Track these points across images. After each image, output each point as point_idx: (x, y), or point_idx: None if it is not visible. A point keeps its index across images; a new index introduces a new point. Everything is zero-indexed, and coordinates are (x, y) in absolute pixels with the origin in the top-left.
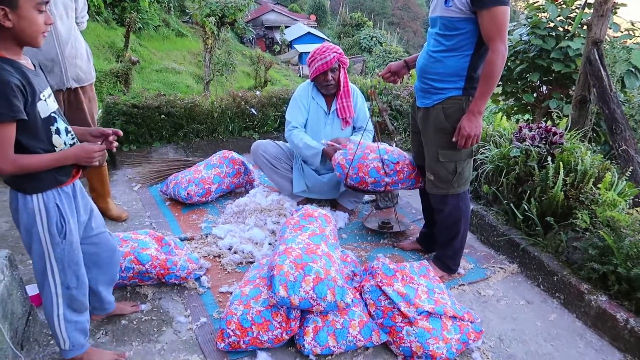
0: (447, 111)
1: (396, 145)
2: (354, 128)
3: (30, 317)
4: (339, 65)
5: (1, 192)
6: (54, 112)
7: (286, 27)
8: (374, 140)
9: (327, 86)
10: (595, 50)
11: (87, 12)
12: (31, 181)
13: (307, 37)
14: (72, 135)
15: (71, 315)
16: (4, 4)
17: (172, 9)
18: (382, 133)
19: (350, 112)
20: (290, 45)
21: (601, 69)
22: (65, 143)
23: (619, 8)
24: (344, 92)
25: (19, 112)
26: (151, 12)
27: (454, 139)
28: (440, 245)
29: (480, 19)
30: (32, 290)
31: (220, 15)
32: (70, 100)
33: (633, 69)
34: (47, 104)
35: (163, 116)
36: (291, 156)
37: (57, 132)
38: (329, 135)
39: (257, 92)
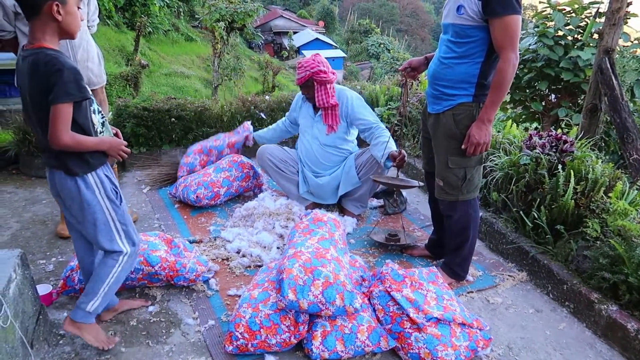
0: (457, 117)
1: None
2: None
3: (41, 317)
4: (313, 82)
5: (11, 192)
6: (90, 94)
7: (294, 33)
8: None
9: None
10: (607, 58)
11: (98, 16)
12: (83, 165)
13: (315, 43)
14: (101, 114)
15: (120, 277)
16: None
17: (181, 13)
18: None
19: (337, 120)
20: (298, 51)
21: (613, 77)
22: (98, 121)
23: (630, 18)
24: (325, 105)
25: (87, 92)
26: (161, 17)
27: (463, 147)
28: (448, 252)
29: (491, 27)
30: (43, 289)
31: (229, 20)
32: None
33: None
34: (87, 88)
35: (173, 119)
36: (297, 159)
37: (94, 111)
38: (317, 136)
39: (267, 97)
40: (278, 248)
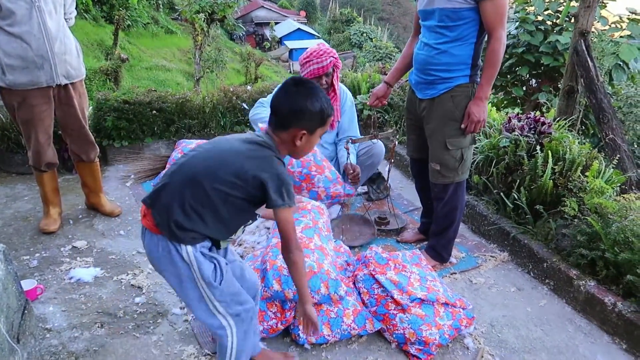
0: (456, 99)
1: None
2: (337, 134)
3: (26, 311)
4: (333, 69)
5: None
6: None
7: (276, 23)
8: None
9: None
10: (582, 41)
11: (75, 9)
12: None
13: (297, 34)
14: None
15: (244, 344)
16: None
17: (161, 5)
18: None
19: (337, 116)
20: (280, 41)
21: (588, 59)
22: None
23: (607, 2)
24: (335, 96)
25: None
26: (140, 10)
27: (462, 125)
28: (434, 235)
29: (483, 9)
30: (27, 285)
31: (209, 11)
32: (60, 96)
33: (621, 63)
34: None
35: (154, 112)
36: None
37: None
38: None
39: (249, 87)
40: (267, 228)
